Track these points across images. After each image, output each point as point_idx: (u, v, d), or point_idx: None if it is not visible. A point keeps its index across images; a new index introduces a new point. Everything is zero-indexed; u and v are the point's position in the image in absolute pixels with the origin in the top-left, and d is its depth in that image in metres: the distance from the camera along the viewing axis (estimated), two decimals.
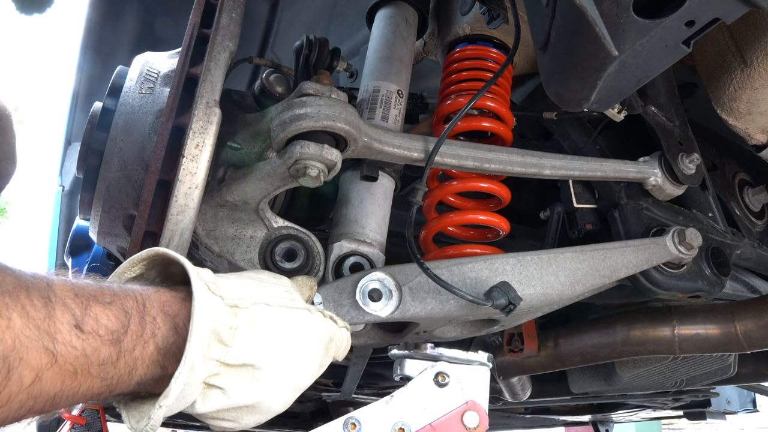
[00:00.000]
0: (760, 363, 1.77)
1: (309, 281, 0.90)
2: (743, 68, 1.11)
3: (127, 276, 0.73)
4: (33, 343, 0.54)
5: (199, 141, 0.85)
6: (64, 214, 2.63)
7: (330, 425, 0.85)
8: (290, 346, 0.74)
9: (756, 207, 1.49)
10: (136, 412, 0.68)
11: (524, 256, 1.03)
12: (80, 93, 2.28)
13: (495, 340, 1.67)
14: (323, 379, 2.49)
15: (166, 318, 0.67)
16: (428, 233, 1.19)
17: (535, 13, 0.88)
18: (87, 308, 0.60)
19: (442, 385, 0.90)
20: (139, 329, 0.64)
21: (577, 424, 4.06)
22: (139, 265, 0.73)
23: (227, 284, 0.73)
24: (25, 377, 0.54)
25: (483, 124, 1.18)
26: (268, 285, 0.79)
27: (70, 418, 2.20)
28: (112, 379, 0.62)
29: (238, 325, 0.70)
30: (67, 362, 0.57)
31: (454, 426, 0.88)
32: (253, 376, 0.71)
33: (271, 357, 0.72)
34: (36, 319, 0.55)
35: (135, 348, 0.63)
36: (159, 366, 0.66)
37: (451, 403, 0.89)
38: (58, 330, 0.57)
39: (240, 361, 0.69)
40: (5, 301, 0.54)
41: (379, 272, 0.96)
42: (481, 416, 0.89)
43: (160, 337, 0.65)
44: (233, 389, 0.69)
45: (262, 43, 2.01)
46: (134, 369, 0.64)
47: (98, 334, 0.60)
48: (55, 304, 0.58)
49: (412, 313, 0.95)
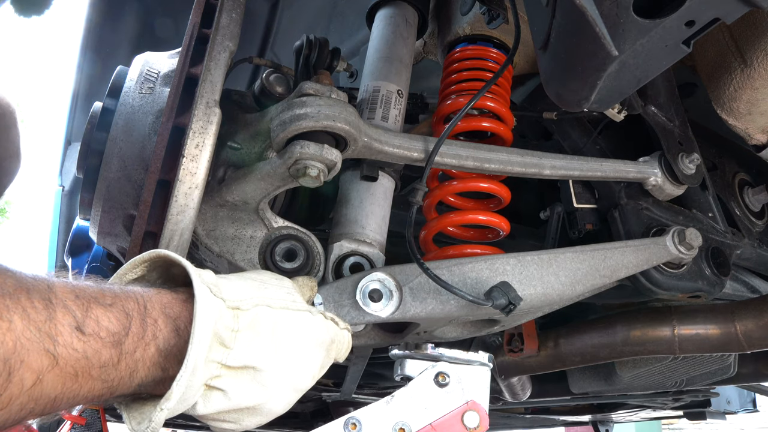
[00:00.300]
0: (760, 363, 1.77)
1: (309, 281, 0.90)
2: (743, 68, 1.11)
3: (129, 277, 0.73)
4: (34, 346, 0.54)
5: (199, 141, 0.85)
6: (64, 214, 2.63)
7: (330, 425, 0.85)
8: (291, 348, 0.74)
9: (756, 207, 1.49)
10: (136, 413, 0.67)
11: (524, 256, 1.03)
12: (80, 93, 2.28)
13: (495, 340, 1.67)
14: (323, 380, 2.49)
15: (167, 320, 0.66)
16: (428, 233, 1.19)
17: (535, 13, 0.88)
18: (88, 310, 0.60)
19: (443, 385, 0.90)
20: (141, 331, 0.64)
21: (577, 424, 4.06)
22: (140, 266, 0.73)
23: (229, 286, 0.72)
24: (26, 379, 0.54)
25: (483, 124, 1.17)
26: (269, 286, 0.78)
27: (70, 418, 2.20)
28: (113, 381, 0.62)
29: (239, 327, 0.69)
30: (68, 364, 0.57)
31: (455, 426, 0.88)
32: (254, 378, 0.71)
33: (272, 359, 0.72)
34: (37, 322, 0.55)
35: (136, 350, 0.63)
36: (160, 368, 0.66)
37: (452, 403, 0.89)
38: (59, 332, 0.57)
39: (241, 364, 0.69)
40: (6, 303, 0.53)
41: (380, 272, 0.96)
42: (481, 416, 0.89)
43: (162, 339, 0.65)
44: (234, 391, 0.69)
45: (262, 43, 2.02)
46: (135, 371, 0.64)
47: (99, 336, 0.60)
48: (56, 306, 0.58)
49: (413, 314, 0.95)
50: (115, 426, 2.32)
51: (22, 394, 0.54)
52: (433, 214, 1.20)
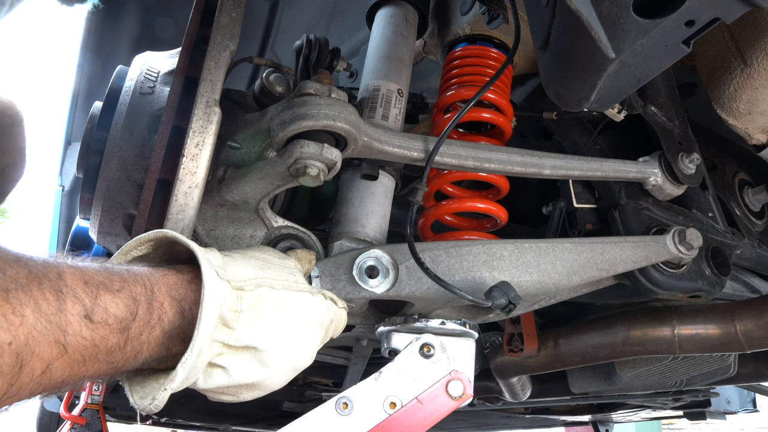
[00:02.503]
0: (760, 363, 1.77)
1: (308, 254, 0.91)
2: (743, 68, 1.11)
3: (133, 255, 0.74)
4: (45, 338, 0.56)
5: (199, 140, 0.85)
6: (64, 214, 2.63)
7: (322, 407, 0.86)
8: (292, 328, 0.76)
9: (756, 207, 1.49)
10: (139, 387, 0.69)
11: (522, 243, 1.03)
12: (80, 93, 2.28)
13: (495, 340, 1.67)
14: (323, 379, 2.50)
15: (172, 302, 0.68)
16: (426, 221, 1.19)
17: (535, 13, 0.88)
18: (97, 297, 0.61)
19: (428, 356, 0.92)
20: (147, 315, 0.65)
21: (577, 424, 4.07)
22: (146, 245, 0.74)
23: (233, 266, 0.74)
24: (36, 369, 0.56)
25: (483, 115, 1.18)
26: (272, 266, 0.80)
27: (70, 418, 2.20)
28: (118, 362, 0.64)
29: (242, 308, 0.71)
30: (76, 352, 0.59)
31: (440, 396, 0.90)
32: (254, 357, 0.72)
33: (273, 339, 0.73)
34: (48, 314, 0.56)
35: (142, 333, 0.65)
36: (164, 347, 0.68)
37: (439, 374, 0.91)
38: (68, 322, 0.58)
39: (243, 344, 0.71)
40: (19, 297, 0.54)
41: (377, 250, 0.96)
42: (465, 385, 0.91)
43: (167, 321, 0.67)
44: (235, 369, 0.71)
45: (262, 43, 2.02)
46: (140, 352, 0.65)
47: (107, 323, 0.61)
48: (66, 296, 0.59)
49: (408, 292, 0.95)
50: (115, 426, 2.32)
51: (31, 382, 0.56)
52: (430, 203, 1.21)
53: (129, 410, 2.80)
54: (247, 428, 3.36)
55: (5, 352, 0.52)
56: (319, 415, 0.86)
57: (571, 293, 1.20)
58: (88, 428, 2.19)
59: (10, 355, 0.53)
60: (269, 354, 0.73)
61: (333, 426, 0.85)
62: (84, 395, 2.22)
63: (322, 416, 0.86)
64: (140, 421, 2.88)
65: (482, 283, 0.98)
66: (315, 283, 0.92)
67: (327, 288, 0.92)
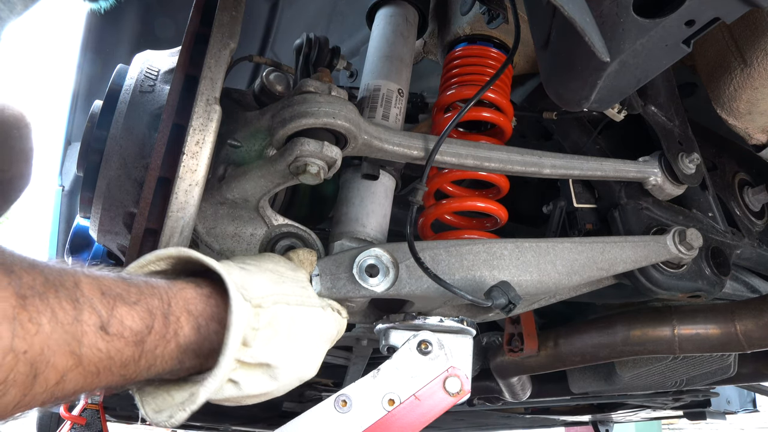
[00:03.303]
0: (760, 363, 1.77)
1: (310, 255, 0.91)
2: (743, 68, 1.11)
3: (150, 269, 0.73)
4: (60, 348, 0.55)
5: (199, 138, 0.85)
6: (64, 213, 2.63)
7: (321, 404, 0.87)
8: (304, 345, 0.77)
9: (756, 207, 1.49)
10: (150, 399, 0.69)
11: (522, 243, 1.03)
12: (80, 93, 2.28)
13: (495, 340, 1.67)
14: (324, 380, 2.50)
15: (189, 317, 0.67)
16: (426, 220, 1.19)
17: (535, 13, 0.88)
18: (113, 309, 0.60)
19: (426, 353, 0.93)
20: (163, 330, 0.65)
21: (577, 424, 4.06)
22: (165, 260, 0.73)
23: (251, 281, 0.74)
24: (50, 379, 0.55)
25: (483, 114, 1.18)
26: (286, 280, 0.80)
27: (70, 418, 2.20)
28: (131, 374, 0.63)
29: (260, 325, 0.71)
30: (91, 363, 0.58)
31: (437, 393, 0.91)
32: (266, 372, 0.73)
33: (286, 356, 0.74)
34: (64, 323, 0.55)
35: (157, 347, 0.64)
36: (177, 361, 0.67)
37: (436, 371, 0.92)
38: (84, 332, 0.57)
39: (257, 361, 0.71)
40: (36, 304, 0.53)
41: (377, 248, 0.97)
42: (462, 381, 0.92)
43: (182, 336, 0.67)
44: (246, 384, 0.71)
45: (262, 42, 2.02)
46: (153, 365, 0.65)
47: (123, 336, 0.60)
48: (83, 306, 0.58)
49: (408, 291, 0.95)
50: (115, 426, 2.32)
51: (45, 392, 0.55)
52: (430, 202, 1.21)
53: (129, 410, 2.80)
54: (247, 428, 3.36)
55: (20, 361, 0.51)
56: (318, 412, 0.86)
57: (571, 293, 1.20)
58: (88, 428, 2.19)
59: (24, 364, 0.52)
60: (281, 370, 0.74)
61: (332, 423, 0.85)
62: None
63: (322, 414, 0.86)
64: (140, 421, 2.88)
65: (482, 282, 0.98)
66: (315, 282, 0.92)
67: (327, 287, 0.92)
